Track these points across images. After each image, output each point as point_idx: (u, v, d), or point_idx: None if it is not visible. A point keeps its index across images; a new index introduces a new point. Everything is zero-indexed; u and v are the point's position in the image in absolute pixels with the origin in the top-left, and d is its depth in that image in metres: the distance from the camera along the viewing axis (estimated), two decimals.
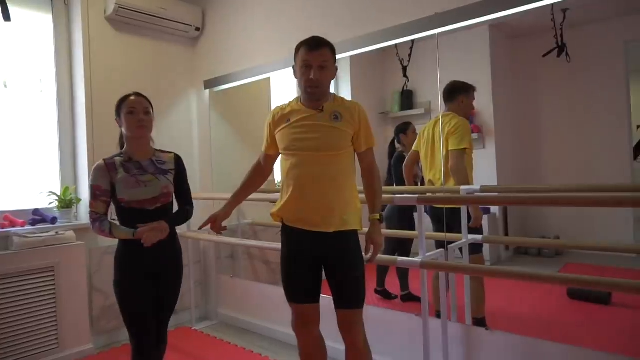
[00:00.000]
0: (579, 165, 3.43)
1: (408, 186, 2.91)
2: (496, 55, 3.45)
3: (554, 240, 3.12)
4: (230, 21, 3.42)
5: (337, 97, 1.84)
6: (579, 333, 2.56)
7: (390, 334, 2.42)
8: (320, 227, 1.74)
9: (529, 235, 3.49)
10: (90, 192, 1.84)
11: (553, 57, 3.02)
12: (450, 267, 1.99)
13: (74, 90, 3.12)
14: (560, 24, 2.86)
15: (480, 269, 1.93)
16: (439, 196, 2.38)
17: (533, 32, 3.44)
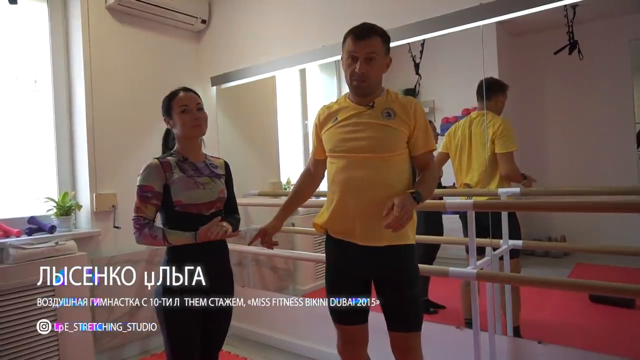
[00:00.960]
0: (585, 163, 3.40)
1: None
2: (503, 53, 3.37)
3: (590, 245, 3.00)
4: (238, 13, 3.22)
5: (391, 92, 1.64)
6: (612, 340, 2.49)
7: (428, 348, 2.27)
8: (371, 240, 1.55)
9: (536, 236, 3.43)
10: (139, 194, 1.63)
11: (560, 55, 2.95)
12: (508, 279, 1.84)
13: (71, 86, 2.86)
14: (570, 21, 2.79)
15: (541, 280, 1.78)
16: (496, 202, 2.22)
17: (539, 29, 3.39)
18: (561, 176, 3.39)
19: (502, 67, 3.25)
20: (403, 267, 1.57)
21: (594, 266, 3.46)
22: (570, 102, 3.43)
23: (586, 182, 3.30)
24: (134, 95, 3.04)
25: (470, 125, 2.53)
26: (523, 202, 2.07)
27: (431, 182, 1.60)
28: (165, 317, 1.63)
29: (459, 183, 2.60)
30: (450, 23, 2.27)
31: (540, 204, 1.82)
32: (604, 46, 3.15)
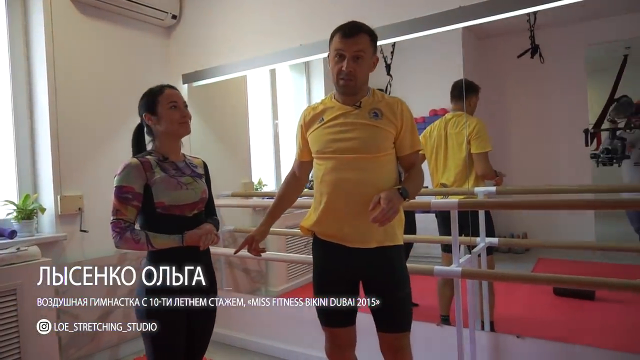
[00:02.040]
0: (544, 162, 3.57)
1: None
2: (468, 56, 3.48)
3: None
4: (210, 9, 3.13)
5: (377, 92, 1.63)
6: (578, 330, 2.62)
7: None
8: (360, 242, 1.53)
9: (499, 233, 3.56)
10: (118, 195, 1.53)
11: (522, 58, 3.08)
12: (492, 276, 1.88)
13: (32, 83, 2.68)
14: (532, 26, 2.92)
15: (527, 276, 1.84)
16: (484, 201, 2.26)
17: (502, 33, 3.52)
18: (521, 174, 3.53)
19: (468, 70, 3.34)
20: (393, 268, 1.57)
21: (554, 260, 3.64)
22: (531, 103, 3.58)
23: (544, 180, 3.46)
24: (101, 91, 2.90)
25: (446, 126, 2.58)
26: (507, 201, 2.13)
27: (417, 180, 1.60)
28: (149, 319, 1.55)
29: (435, 183, 2.65)
30: (429, 25, 2.30)
31: (523, 203, 1.88)
32: (562, 51, 3.31)
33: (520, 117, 3.66)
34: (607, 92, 3.21)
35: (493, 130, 3.46)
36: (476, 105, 2.68)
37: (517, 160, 3.64)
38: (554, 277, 1.74)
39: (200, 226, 1.63)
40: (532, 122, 3.61)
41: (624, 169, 2.86)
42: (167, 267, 1.56)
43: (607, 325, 2.67)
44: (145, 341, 1.57)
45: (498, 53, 3.69)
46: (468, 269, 1.85)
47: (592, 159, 2.94)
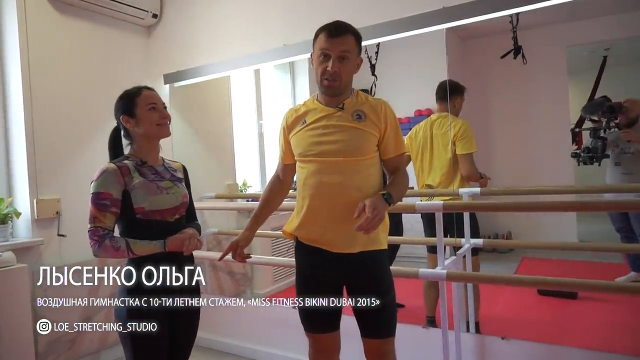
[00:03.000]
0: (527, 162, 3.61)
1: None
2: (452, 56, 3.50)
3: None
4: (192, 7, 3.07)
5: (360, 94, 1.60)
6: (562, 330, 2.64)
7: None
8: (343, 247, 1.50)
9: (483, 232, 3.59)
10: (95, 202, 1.47)
11: (505, 58, 3.10)
12: (477, 278, 1.87)
13: (5, 83, 2.59)
14: (515, 27, 2.95)
15: (512, 278, 1.83)
16: (469, 203, 2.25)
17: (486, 33, 3.55)
18: (504, 174, 3.56)
19: (452, 70, 3.35)
20: (376, 273, 1.54)
21: (538, 260, 3.67)
22: (513, 104, 3.61)
23: (527, 180, 3.49)
24: (79, 92, 2.82)
25: (431, 127, 2.57)
26: (492, 203, 2.13)
27: (402, 184, 1.58)
28: (130, 321, 1.50)
29: (420, 184, 2.64)
30: (412, 26, 2.29)
31: (507, 205, 1.87)
32: (544, 51, 3.34)
33: (504, 118, 3.69)
34: (588, 92, 3.25)
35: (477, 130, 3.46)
36: (461, 106, 2.68)
37: (500, 160, 3.67)
38: (539, 280, 1.74)
39: (182, 230, 1.59)
40: (515, 122, 3.64)
41: (607, 169, 2.90)
42: (149, 267, 1.52)
43: (591, 324, 2.70)
44: (125, 345, 1.52)
45: (481, 54, 3.72)
46: (453, 272, 1.84)
47: (573, 157, 2.97)
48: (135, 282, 1.52)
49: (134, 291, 1.51)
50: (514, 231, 3.71)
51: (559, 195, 2.61)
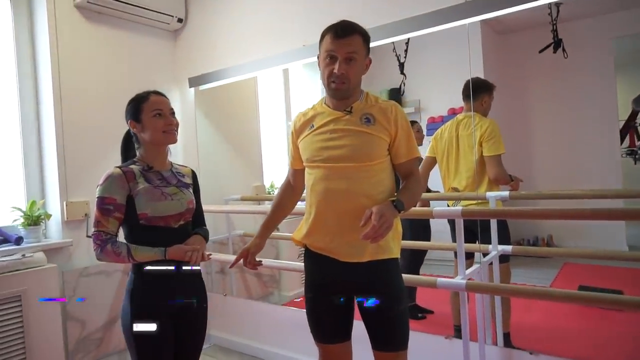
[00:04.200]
0: (570, 163, 3.37)
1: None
2: (488, 52, 3.33)
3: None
4: (216, 11, 3.09)
5: (370, 96, 1.53)
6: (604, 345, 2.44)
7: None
8: (352, 256, 1.44)
9: (523, 235, 3.41)
10: (99, 206, 1.49)
11: (544, 53, 2.93)
12: (498, 290, 1.74)
13: (38, 90, 2.70)
14: (554, 19, 2.77)
15: (535, 291, 1.68)
16: (485, 210, 2.12)
17: (523, 27, 3.35)
18: (546, 176, 3.35)
19: (488, 66, 3.20)
20: (387, 283, 1.47)
21: (581, 266, 3.43)
22: (554, 101, 3.39)
23: (571, 182, 3.26)
24: (107, 98, 2.89)
25: (457, 128, 2.45)
26: (513, 209, 2.00)
27: (415, 190, 1.49)
28: (135, 340, 1.51)
29: (447, 187, 2.53)
30: (434, 21, 2.19)
31: (530, 212, 1.73)
32: (587, 44, 3.12)
33: (544, 116, 3.47)
34: (637, 87, 3.02)
35: (514, 130, 3.31)
36: (490, 105, 2.54)
37: (541, 162, 3.45)
38: (570, 294, 1.59)
39: (187, 240, 1.59)
40: (556, 121, 3.42)
41: None
42: (153, 287, 1.53)
43: (635, 340, 2.48)
44: (130, 346, 1.54)
45: (519, 48, 3.52)
46: (473, 282, 1.73)
47: (628, 156, 2.76)
48: (139, 284, 1.53)
49: (138, 293, 1.52)
50: (557, 235, 3.49)
51: (602, 200, 2.42)
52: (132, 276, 1.54)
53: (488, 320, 2.06)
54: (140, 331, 1.50)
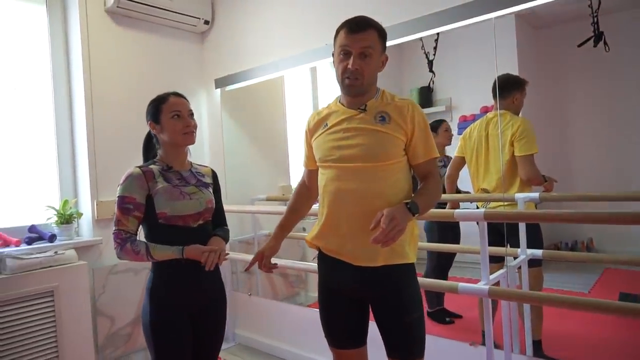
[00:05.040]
0: (612, 164, 3.17)
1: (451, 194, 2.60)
2: (523, 47, 3.19)
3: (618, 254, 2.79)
4: (242, 13, 3.10)
5: (387, 94, 1.48)
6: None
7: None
8: (364, 260, 1.40)
9: (561, 238, 3.23)
10: (119, 205, 1.52)
11: (584, 47, 2.77)
12: (523, 297, 1.65)
13: (72, 92, 2.80)
14: (595, 11, 2.62)
15: (564, 300, 1.57)
16: (509, 212, 2.03)
17: (562, 21, 3.19)
18: (584, 177, 3.18)
19: (523, 62, 3.07)
20: (401, 290, 1.41)
21: (623, 272, 3.23)
22: (595, 97, 3.21)
23: (613, 184, 3.08)
24: (136, 99, 2.95)
25: (487, 126, 2.36)
26: (538, 212, 1.90)
27: (432, 192, 1.43)
28: (154, 339, 1.53)
29: (476, 188, 2.44)
30: (459, 16, 2.11)
31: (557, 215, 1.62)
32: (631, 37, 2.94)
33: (582, 113, 3.30)
34: None
35: (552, 128, 3.15)
36: (522, 102, 2.44)
37: (579, 162, 3.28)
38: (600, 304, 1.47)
39: (209, 241, 1.59)
40: (597, 119, 3.24)
41: None
42: (172, 288, 1.55)
43: None
44: (149, 345, 1.56)
45: (557, 43, 3.36)
46: (496, 289, 1.65)
47: None
48: (158, 283, 1.55)
49: (158, 292, 1.54)
50: (598, 238, 3.30)
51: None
52: (152, 275, 1.57)
53: (516, 327, 1.97)
54: (159, 330, 1.52)
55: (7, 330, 2.24)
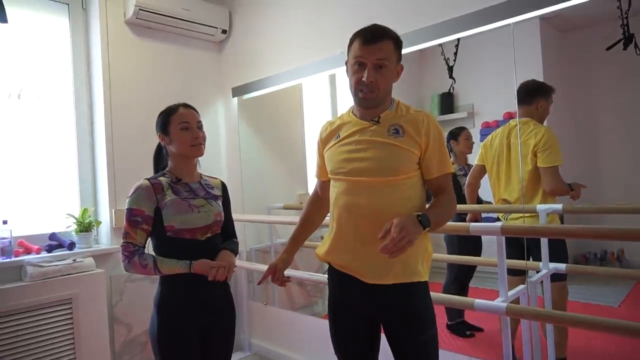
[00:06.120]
0: None
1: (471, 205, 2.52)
2: (548, 51, 3.08)
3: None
4: (259, 21, 3.11)
5: (402, 105, 1.43)
6: None
7: None
8: (374, 277, 1.35)
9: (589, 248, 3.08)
10: (128, 218, 1.53)
11: (613, 51, 2.65)
12: (544, 316, 1.57)
13: (92, 101, 2.85)
14: (625, 12, 2.51)
15: (588, 321, 1.48)
16: (528, 227, 1.94)
17: (589, 24, 3.06)
18: (616, 189, 3.04)
19: (548, 67, 2.97)
20: (414, 310, 1.36)
21: None
22: (625, 103, 3.07)
23: None
24: (154, 109, 2.94)
25: (509, 134, 2.28)
26: (559, 227, 1.81)
27: (446, 207, 1.37)
28: (161, 353, 1.52)
29: (496, 198, 2.36)
30: (483, 20, 2.05)
31: (579, 230, 1.52)
32: None
33: (614, 121, 3.15)
34: None
35: (580, 136, 3.02)
36: (547, 110, 2.35)
37: (610, 173, 3.14)
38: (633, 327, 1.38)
39: (218, 255, 1.58)
40: (628, 126, 3.10)
41: None
42: (180, 302, 1.53)
43: None
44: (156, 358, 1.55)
45: (583, 47, 3.23)
46: (514, 307, 1.57)
47: None
48: (166, 297, 1.54)
49: (166, 307, 1.53)
50: (629, 249, 3.15)
51: None
52: (160, 288, 1.56)
53: (537, 345, 1.88)
54: (167, 345, 1.51)
55: (26, 337, 2.28)
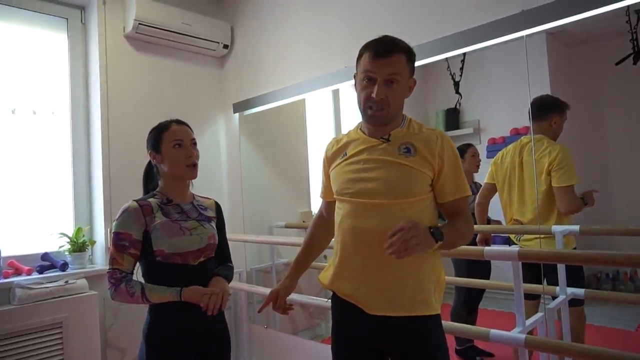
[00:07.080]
0: None
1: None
2: (555, 67, 3.00)
3: None
4: (261, 37, 3.05)
5: (414, 122, 1.33)
6: None
7: None
8: (382, 309, 1.23)
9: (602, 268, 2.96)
10: (114, 242, 1.42)
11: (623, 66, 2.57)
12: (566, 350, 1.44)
13: (90, 117, 2.77)
14: (634, 27, 2.44)
15: (612, 355, 1.36)
16: (547, 252, 1.82)
17: (597, 38, 2.99)
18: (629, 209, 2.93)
19: (555, 82, 2.89)
20: (426, 345, 1.24)
21: None
22: (637, 120, 2.99)
23: None
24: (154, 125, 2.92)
25: (521, 152, 2.19)
26: (580, 253, 1.70)
27: (462, 228, 1.26)
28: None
29: (508, 218, 2.25)
30: (489, 34, 1.97)
31: (599, 256, 1.39)
32: None
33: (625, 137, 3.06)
34: None
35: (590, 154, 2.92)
36: (561, 127, 2.26)
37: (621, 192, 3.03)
38: None
39: (211, 281, 1.47)
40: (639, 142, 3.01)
41: None
42: (169, 332, 1.42)
43: None
44: None
45: (591, 62, 3.16)
46: (534, 338, 1.45)
47: None
48: (155, 327, 1.43)
49: (155, 338, 1.42)
50: None
51: None
52: (149, 318, 1.45)
53: None
54: None
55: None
